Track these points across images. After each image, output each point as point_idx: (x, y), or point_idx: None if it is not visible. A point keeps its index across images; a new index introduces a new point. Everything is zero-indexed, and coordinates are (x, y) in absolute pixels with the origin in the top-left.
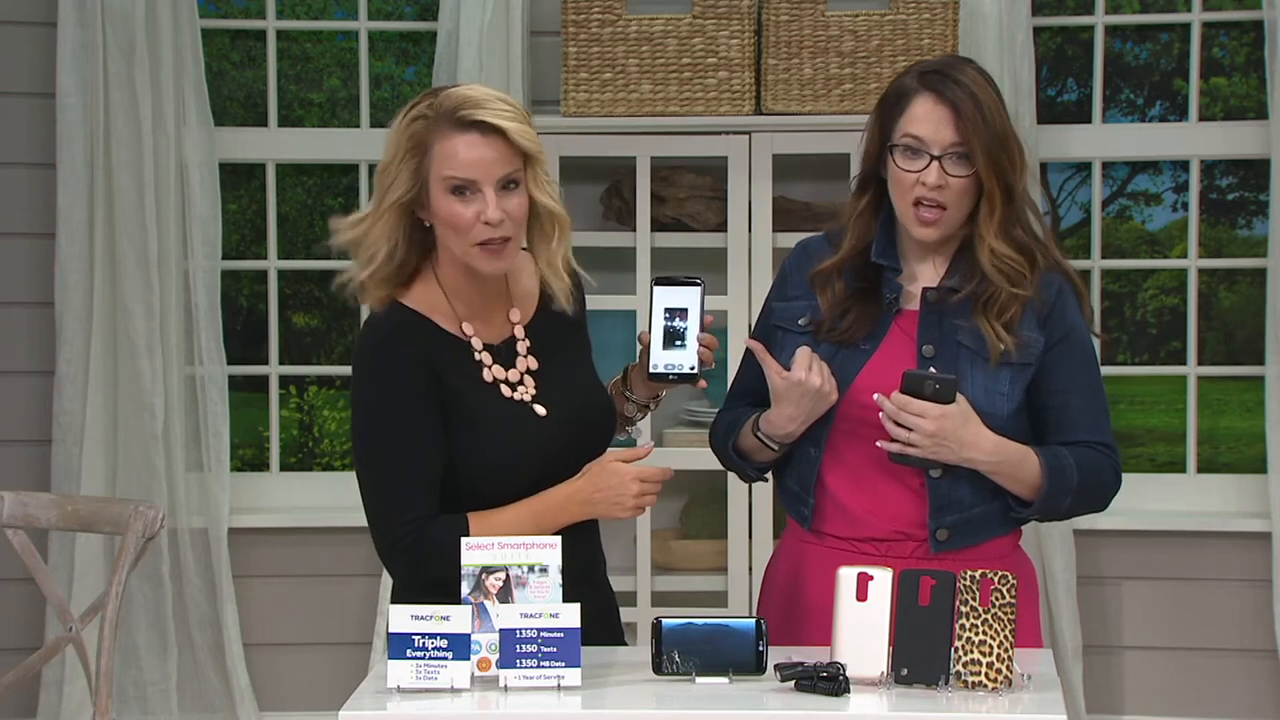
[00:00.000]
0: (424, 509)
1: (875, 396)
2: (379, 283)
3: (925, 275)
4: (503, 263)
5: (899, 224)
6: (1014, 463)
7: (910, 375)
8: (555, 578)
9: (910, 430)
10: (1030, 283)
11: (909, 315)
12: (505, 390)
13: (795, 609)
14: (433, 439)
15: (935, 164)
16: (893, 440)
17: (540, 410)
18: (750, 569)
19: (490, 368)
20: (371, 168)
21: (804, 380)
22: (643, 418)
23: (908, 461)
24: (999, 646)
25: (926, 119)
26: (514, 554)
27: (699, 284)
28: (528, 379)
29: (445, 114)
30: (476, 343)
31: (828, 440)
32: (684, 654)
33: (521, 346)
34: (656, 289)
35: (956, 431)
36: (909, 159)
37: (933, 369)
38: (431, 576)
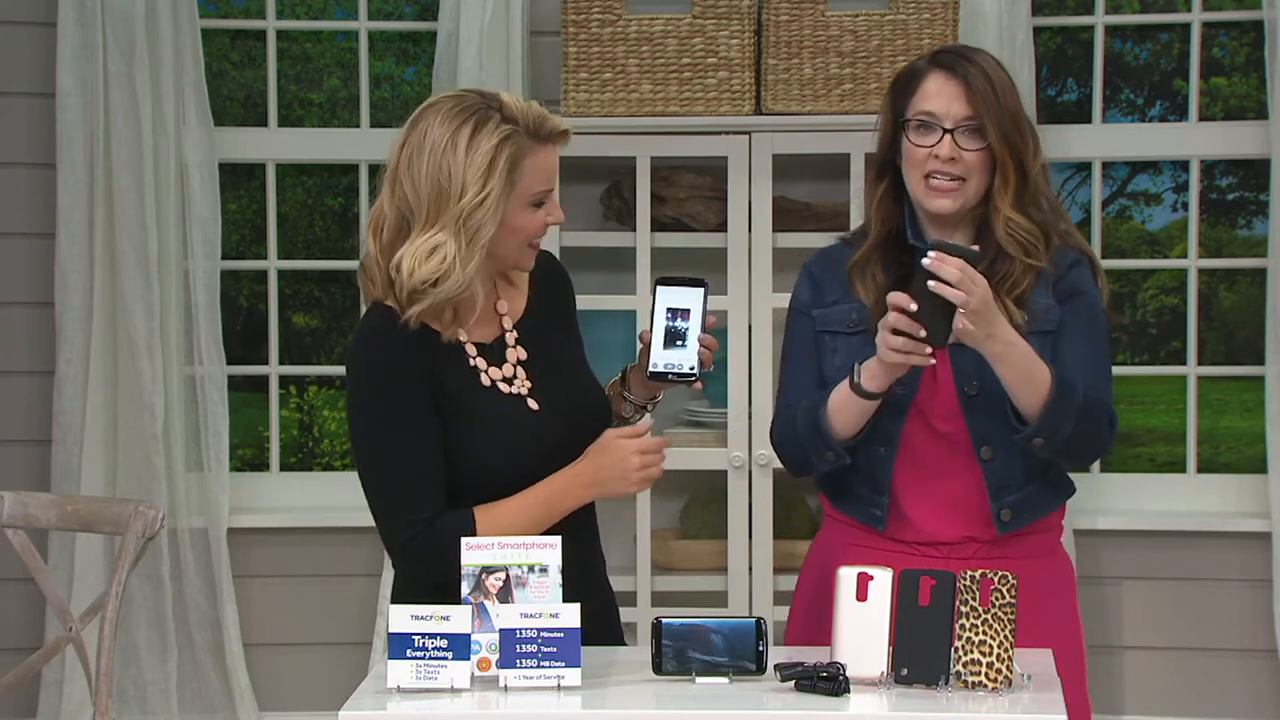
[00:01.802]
0: (430, 508)
1: (932, 254)
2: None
3: None
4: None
5: (918, 206)
6: (1026, 353)
7: (942, 244)
8: (555, 578)
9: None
10: (1044, 254)
11: None
12: (504, 387)
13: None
14: (432, 437)
15: (948, 137)
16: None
17: (533, 405)
18: (750, 569)
19: (486, 371)
20: (372, 168)
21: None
22: (640, 419)
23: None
24: (999, 646)
25: (938, 94)
26: (514, 554)
27: (703, 285)
28: (520, 371)
29: (532, 130)
30: (470, 348)
31: (901, 438)
32: (684, 654)
33: (510, 337)
34: (660, 288)
35: (993, 303)
36: (922, 134)
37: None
38: (443, 575)
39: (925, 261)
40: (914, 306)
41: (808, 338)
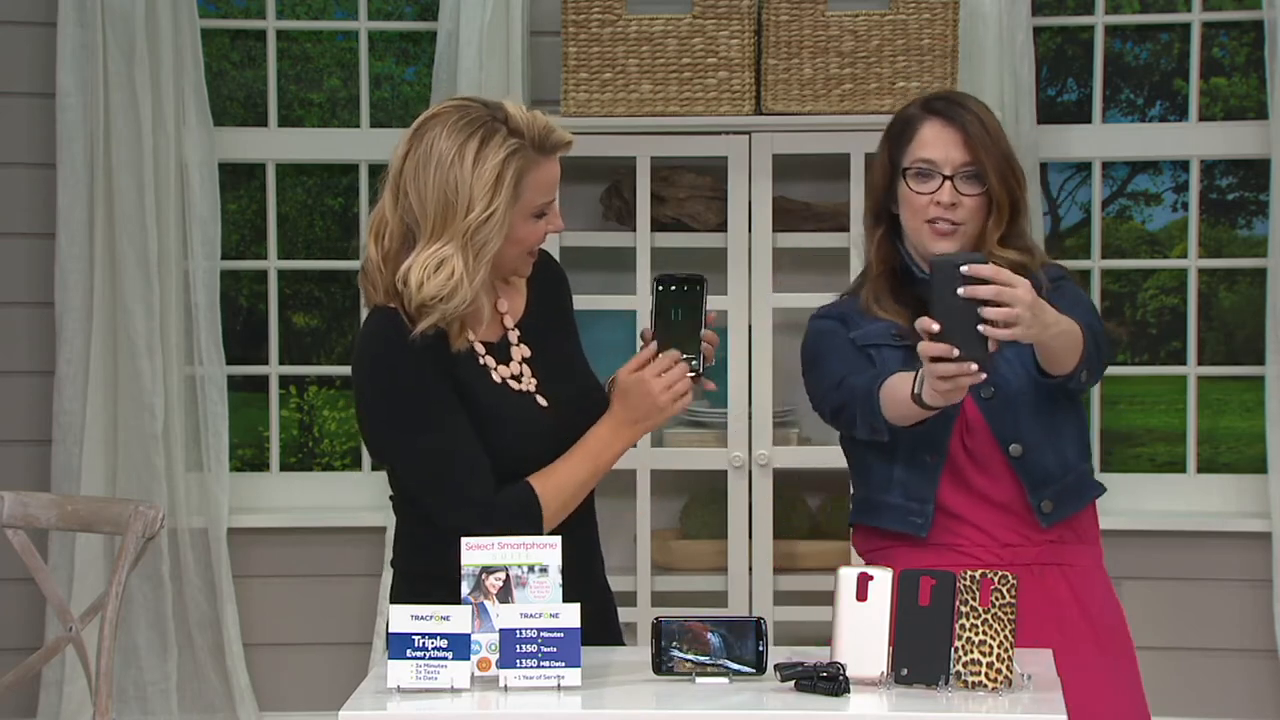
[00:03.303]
0: (489, 488)
1: (966, 268)
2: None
3: None
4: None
5: (917, 250)
6: (1064, 324)
7: (946, 257)
8: (555, 578)
9: (1009, 307)
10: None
11: None
12: (513, 385)
13: None
14: (467, 423)
15: (947, 184)
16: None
17: (542, 401)
18: (750, 569)
19: (495, 369)
20: (372, 168)
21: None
22: None
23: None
24: (999, 646)
25: (935, 141)
26: (514, 554)
27: (701, 281)
28: (525, 369)
29: (537, 143)
30: (479, 347)
31: (949, 447)
32: (684, 654)
33: (513, 336)
34: (659, 286)
35: (1038, 298)
36: (921, 182)
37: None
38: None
39: (961, 291)
40: (936, 327)
41: (845, 342)
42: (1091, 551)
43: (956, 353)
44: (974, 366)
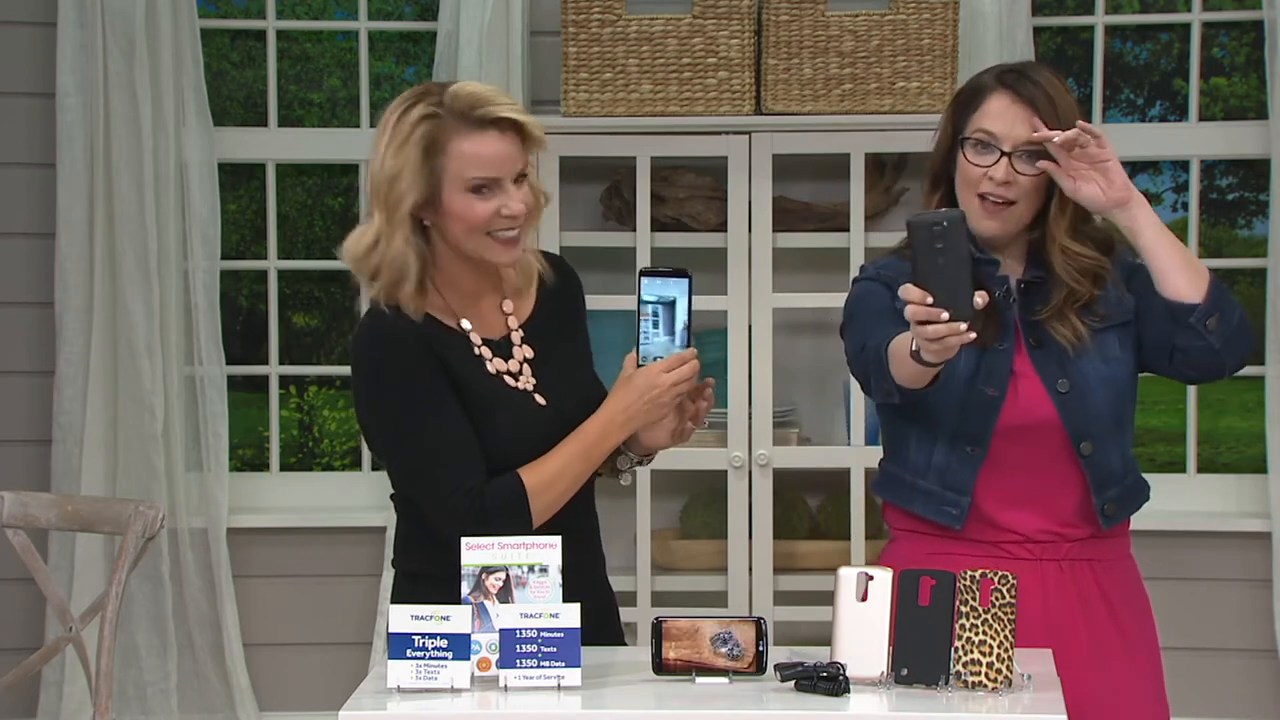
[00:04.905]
0: (475, 477)
1: (1038, 133)
2: (419, 293)
3: (1012, 271)
4: (517, 252)
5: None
6: (1163, 228)
7: (918, 216)
8: (555, 578)
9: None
10: (1111, 270)
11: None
12: (509, 380)
13: None
14: (459, 414)
15: (1004, 160)
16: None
17: (540, 400)
18: (750, 569)
19: (490, 361)
20: None
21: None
22: (632, 471)
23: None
24: (999, 646)
25: (1001, 115)
26: (514, 554)
27: (687, 276)
28: (526, 368)
29: (459, 113)
30: (475, 337)
31: (992, 441)
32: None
33: (516, 336)
34: (644, 280)
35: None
36: (979, 154)
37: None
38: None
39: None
40: (930, 300)
41: (884, 307)
42: (1121, 544)
43: (946, 315)
44: (963, 326)
